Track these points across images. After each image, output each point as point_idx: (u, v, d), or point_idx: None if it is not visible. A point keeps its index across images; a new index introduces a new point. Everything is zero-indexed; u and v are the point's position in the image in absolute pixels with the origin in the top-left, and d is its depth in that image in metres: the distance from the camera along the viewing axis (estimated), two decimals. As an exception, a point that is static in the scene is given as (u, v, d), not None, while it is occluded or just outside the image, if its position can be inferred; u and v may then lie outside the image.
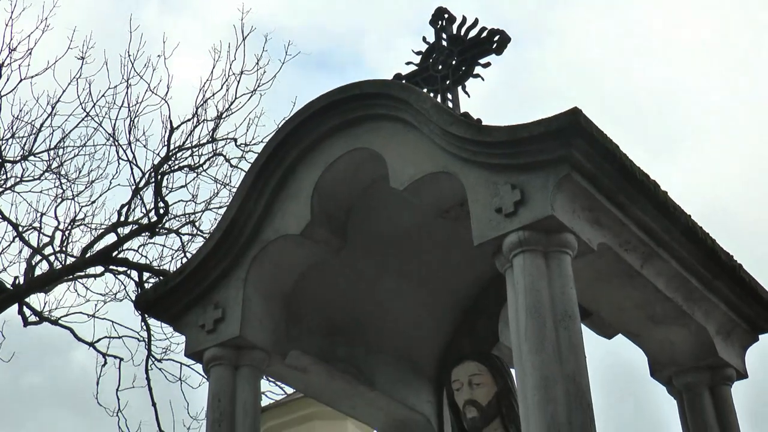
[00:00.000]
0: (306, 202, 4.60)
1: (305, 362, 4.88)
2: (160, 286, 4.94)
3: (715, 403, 4.81)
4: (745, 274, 4.84)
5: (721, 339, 4.86)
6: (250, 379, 4.62)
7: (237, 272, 4.69)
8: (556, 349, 3.76)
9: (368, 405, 5.29)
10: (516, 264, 3.98)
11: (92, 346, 12.06)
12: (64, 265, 11.90)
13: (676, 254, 4.50)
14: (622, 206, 4.21)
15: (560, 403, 3.64)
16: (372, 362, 5.16)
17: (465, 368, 4.78)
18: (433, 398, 5.38)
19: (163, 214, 11.92)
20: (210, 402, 4.53)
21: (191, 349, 4.71)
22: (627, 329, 4.95)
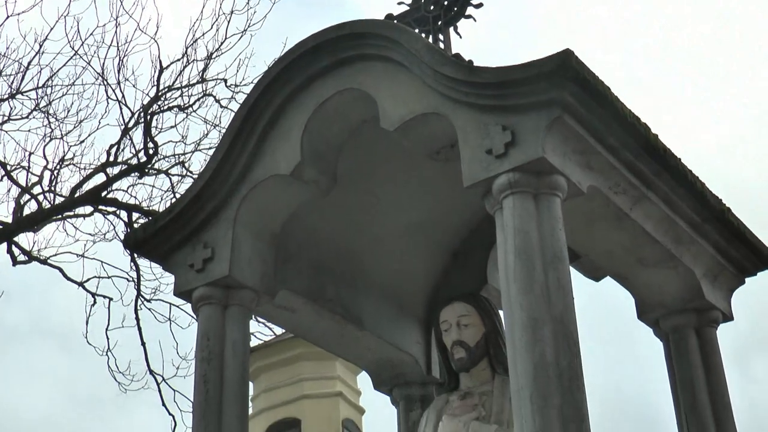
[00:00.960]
0: (296, 143, 4.58)
1: (294, 302, 4.91)
2: (149, 225, 4.94)
3: (700, 344, 4.86)
4: (734, 218, 4.87)
5: (708, 282, 4.90)
6: (239, 319, 4.64)
7: (226, 212, 4.68)
8: (545, 291, 3.78)
9: (356, 345, 5.33)
10: (506, 206, 3.98)
11: (81, 285, 12.08)
12: (53, 204, 11.89)
13: (666, 197, 4.51)
14: (612, 149, 4.21)
15: (548, 344, 3.67)
16: (360, 303, 5.19)
17: (453, 309, 4.81)
18: (421, 339, 5.42)
19: (153, 154, 11.89)
20: (199, 341, 4.56)
21: (180, 288, 4.72)
22: (615, 272, 4.98)
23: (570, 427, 3.55)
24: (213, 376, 4.44)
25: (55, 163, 12.07)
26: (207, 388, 4.41)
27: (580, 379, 3.68)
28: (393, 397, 5.49)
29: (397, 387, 5.43)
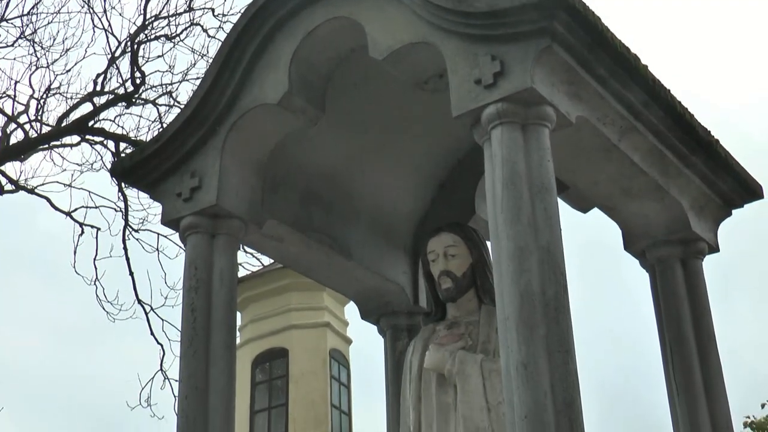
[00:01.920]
0: (284, 71, 4.55)
1: (281, 232, 4.91)
2: (136, 154, 4.92)
3: (686, 276, 4.89)
4: (722, 150, 4.87)
5: (694, 213, 4.91)
6: (227, 248, 4.65)
7: (214, 141, 4.66)
8: (532, 221, 3.78)
9: (344, 275, 5.35)
10: (494, 136, 3.97)
11: (69, 215, 12.08)
12: (40, 133, 11.83)
13: (654, 128, 4.50)
14: (601, 79, 4.19)
15: (534, 274, 3.69)
16: (348, 233, 5.20)
17: (441, 239, 4.82)
18: (408, 269, 5.44)
19: (140, 84, 11.81)
20: (186, 270, 4.56)
21: (168, 217, 4.72)
22: (602, 203, 4.99)
23: (556, 357, 3.58)
24: (200, 305, 4.45)
25: (41, 92, 11.99)
26: (195, 317, 4.43)
27: (566, 309, 3.70)
28: (380, 327, 5.53)
29: (384, 317, 5.46)
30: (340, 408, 16.28)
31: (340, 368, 16.51)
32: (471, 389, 4.46)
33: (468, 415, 4.41)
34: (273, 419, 15.91)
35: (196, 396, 4.30)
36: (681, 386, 4.61)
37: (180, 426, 4.29)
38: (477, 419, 4.40)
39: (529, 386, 3.50)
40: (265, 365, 16.23)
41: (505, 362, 3.65)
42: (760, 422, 20.06)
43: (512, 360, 3.59)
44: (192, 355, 4.38)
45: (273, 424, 15.86)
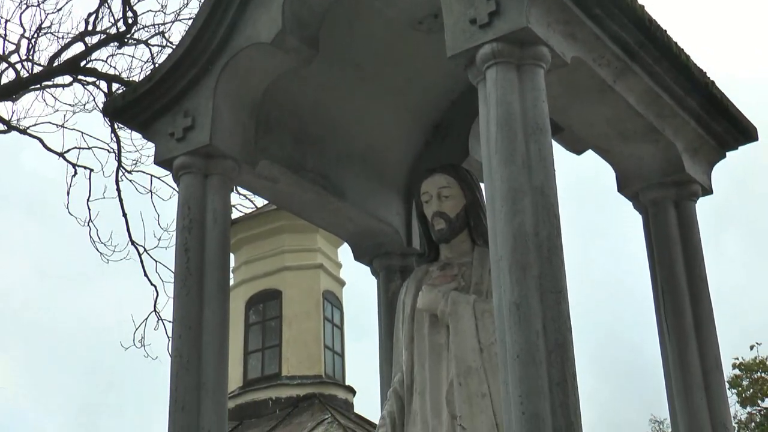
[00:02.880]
0: (277, 10, 4.49)
1: (275, 172, 4.90)
2: (128, 93, 4.88)
3: (679, 218, 4.89)
4: (717, 91, 4.85)
5: (688, 156, 4.91)
6: (220, 189, 4.64)
7: (206, 81, 4.63)
8: (526, 162, 3.78)
9: (337, 216, 5.35)
10: (489, 76, 3.94)
11: (62, 156, 12.05)
12: (31, 73, 11.75)
13: (650, 70, 4.48)
14: (597, 19, 4.15)
15: (528, 215, 3.69)
16: (341, 173, 5.19)
17: (434, 181, 4.81)
18: (402, 210, 5.44)
19: (132, 24, 11.71)
20: (179, 210, 4.56)
21: (161, 157, 4.70)
22: (597, 145, 4.98)
23: (548, 297, 3.60)
24: (194, 245, 4.46)
25: (32, 32, 11.88)
26: (188, 257, 4.44)
27: (559, 250, 3.71)
28: (373, 268, 5.54)
29: (378, 258, 5.47)
30: (333, 349, 16.39)
31: (334, 310, 16.58)
32: (463, 329, 4.48)
33: (460, 355, 4.44)
34: (266, 360, 16.01)
35: (189, 335, 4.32)
36: (672, 327, 4.64)
37: (174, 365, 4.32)
38: (469, 359, 4.43)
39: (521, 326, 3.51)
40: (258, 306, 16.30)
41: (497, 303, 3.66)
42: (748, 364, 20.28)
43: (505, 300, 3.61)
44: (185, 295, 4.39)
45: (266, 365, 15.97)
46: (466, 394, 4.37)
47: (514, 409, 3.42)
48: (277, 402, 15.59)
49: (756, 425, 20.23)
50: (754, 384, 20.01)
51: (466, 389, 4.38)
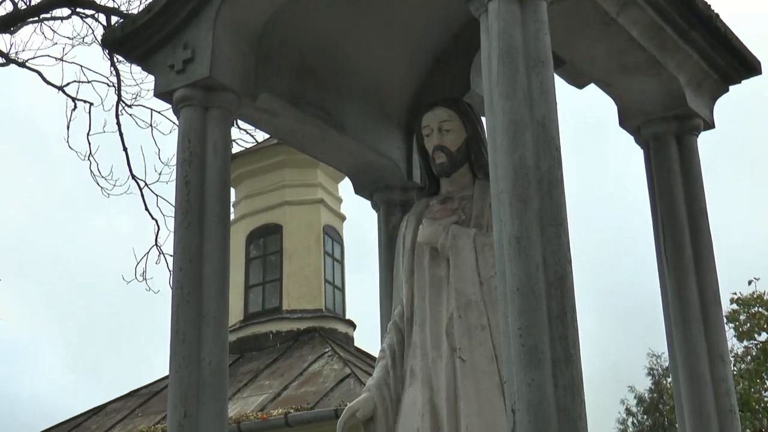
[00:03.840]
0: (277, -60, 4.44)
1: (275, 105, 4.87)
2: (127, 24, 4.83)
3: (680, 152, 4.88)
4: (721, 24, 4.80)
5: (691, 90, 4.88)
6: (220, 121, 4.61)
7: (206, 12, 4.58)
8: (528, 95, 3.75)
9: (338, 150, 5.33)
10: (491, 9, 3.89)
11: (61, 90, 11.99)
12: (29, 5, 11.63)
13: (653, 2, 4.43)
14: (601, -50, 4.10)
15: (529, 148, 3.67)
16: (342, 107, 5.16)
17: (435, 114, 4.79)
18: (402, 144, 5.42)
19: (130, -46, 11.56)
20: (180, 142, 4.54)
21: (160, 89, 4.67)
22: (599, 78, 4.95)
23: (548, 231, 3.60)
24: (194, 178, 4.45)
25: (29, -38, 11.73)
26: (188, 189, 4.43)
27: (559, 183, 3.70)
28: (373, 202, 5.54)
29: (378, 192, 5.47)
30: (334, 283, 16.48)
31: (334, 244, 16.64)
32: (463, 263, 4.50)
33: (460, 289, 4.46)
34: (267, 294, 16.11)
35: (190, 268, 4.33)
36: (671, 261, 4.65)
37: (174, 298, 4.33)
38: (469, 292, 4.45)
39: (521, 259, 3.52)
40: (259, 241, 16.35)
41: (497, 236, 3.67)
42: (746, 299, 20.40)
43: (505, 233, 3.61)
44: (186, 227, 4.39)
45: (267, 299, 16.07)
46: (465, 327, 4.40)
47: (513, 342, 3.44)
48: (278, 335, 15.72)
49: (752, 359, 20.42)
50: (751, 318, 20.15)
51: (465, 322, 4.41)
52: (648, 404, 36.81)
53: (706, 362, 4.44)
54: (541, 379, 3.32)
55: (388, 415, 4.55)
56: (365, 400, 4.57)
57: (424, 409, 4.41)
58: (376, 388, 4.60)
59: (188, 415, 4.11)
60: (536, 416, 3.25)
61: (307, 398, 13.28)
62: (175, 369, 4.19)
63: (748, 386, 19.33)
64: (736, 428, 4.35)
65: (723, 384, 4.42)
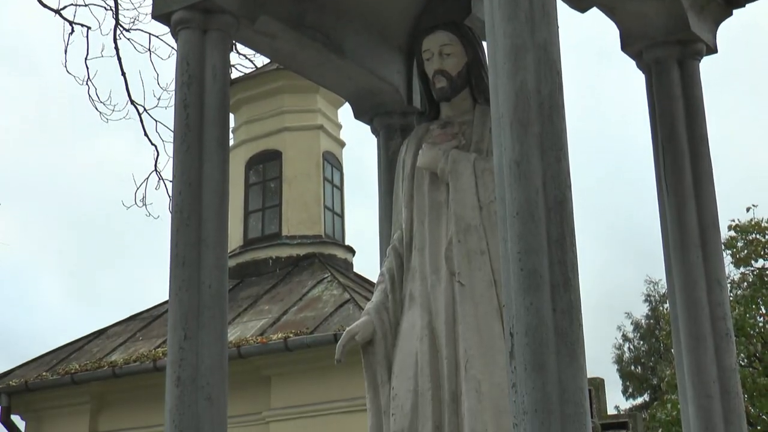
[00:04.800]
0: None
1: (274, 28, 4.82)
2: (124, -54, 4.77)
3: (682, 76, 4.85)
4: (726, -54, 4.75)
5: (694, 13, 4.83)
6: (219, 44, 4.57)
7: (203, -68, 4.51)
8: (529, 18, 3.70)
9: (337, 74, 5.30)
10: (492, -70, 3.83)
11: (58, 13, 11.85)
12: (24, -73, 11.44)
13: None
14: None
15: (530, 72, 3.64)
16: (342, 30, 5.11)
17: (436, 38, 4.75)
18: (402, 68, 5.38)
19: None
20: (178, 65, 4.51)
21: (158, 11, 4.62)
22: (601, 2, 4.88)
23: (549, 155, 3.58)
24: (193, 101, 4.42)
25: None
26: (187, 113, 4.41)
27: (560, 108, 3.67)
28: (373, 127, 5.52)
29: (378, 116, 5.45)
30: (333, 209, 16.49)
31: (333, 170, 16.62)
32: (463, 187, 4.50)
33: (460, 213, 4.47)
34: (266, 220, 16.13)
35: (189, 192, 4.33)
36: (671, 186, 4.65)
37: (174, 222, 4.34)
38: (468, 217, 4.46)
39: (521, 184, 3.51)
40: (258, 167, 16.32)
41: (497, 160, 3.66)
42: (744, 225, 20.45)
43: (505, 158, 3.60)
44: (185, 151, 4.38)
45: (266, 225, 16.10)
46: (464, 251, 4.42)
47: (512, 266, 3.45)
48: (277, 261, 15.77)
49: (748, 285, 20.54)
50: (748, 245, 20.22)
51: (464, 246, 4.42)
52: (644, 330, 37.17)
53: (704, 287, 4.47)
54: (540, 302, 3.33)
55: (386, 338, 4.58)
56: (364, 324, 4.61)
57: (423, 332, 4.44)
58: (375, 311, 4.63)
59: (188, 337, 4.14)
60: (534, 339, 3.27)
61: (306, 323, 13.38)
62: (175, 292, 4.21)
63: (743, 312, 19.47)
64: (731, 352, 4.38)
65: (719, 308, 4.45)
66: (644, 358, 37.03)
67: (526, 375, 3.22)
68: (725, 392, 4.27)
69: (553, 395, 3.19)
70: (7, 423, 14.66)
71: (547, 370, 3.21)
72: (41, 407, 14.70)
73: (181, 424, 3.99)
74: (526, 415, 3.18)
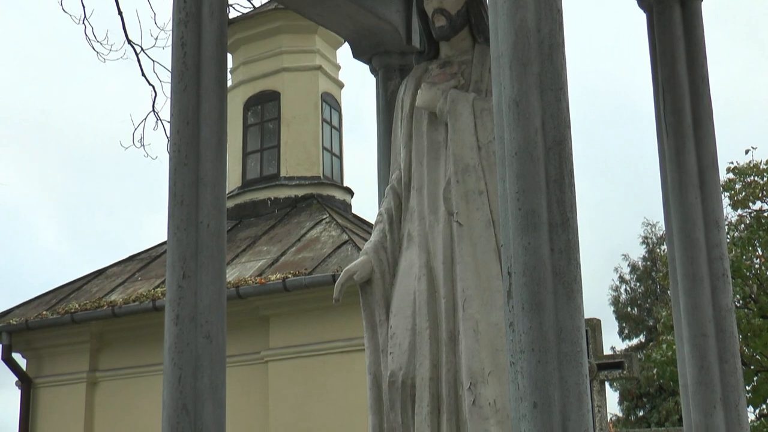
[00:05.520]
0: None
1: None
2: None
3: (684, 17, 4.80)
4: None
5: (697, -48, 4.78)
6: (216, -19, 4.52)
7: None
8: (530, -45, 3.66)
9: (336, 12, 5.25)
10: None
11: (53, -50, 11.71)
12: None
13: None
14: None
15: (530, 10, 3.60)
16: (341, -32, 5.06)
17: (436, -24, 4.71)
18: (402, 7, 5.34)
19: None
20: (175, 3, 4.44)
21: (155, -52, 4.57)
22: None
23: (548, 95, 3.56)
24: (191, 39, 4.38)
25: None
26: (185, 51, 4.37)
27: (560, 46, 3.64)
28: (372, 67, 5.49)
29: (377, 56, 5.41)
30: (332, 151, 16.46)
31: (332, 111, 16.56)
32: (462, 127, 4.48)
33: (458, 153, 4.46)
34: (265, 161, 16.11)
35: (187, 131, 4.31)
36: (671, 126, 4.63)
37: (172, 161, 4.33)
38: (467, 157, 4.45)
39: (520, 123, 3.50)
40: (256, 108, 16.25)
41: (497, 100, 3.64)
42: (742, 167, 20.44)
43: (504, 97, 3.58)
44: (183, 90, 4.35)
45: (265, 166, 16.08)
46: (463, 191, 4.42)
47: (510, 205, 3.45)
48: (276, 202, 15.78)
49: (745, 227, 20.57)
50: (746, 187, 20.21)
51: (463, 186, 4.42)
52: (641, 272, 37.34)
53: (702, 227, 4.47)
54: (538, 242, 3.34)
55: (385, 278, 4.60)
56: (363, 263, 4.62)
57: (421, 272, 4.46)
58: (374, 251, 4.64)
59: (187, 276, 4.15)
60: (532, 279, 3.28)
61: (304, 264, 13.42)
62: (174, 231, 4.22)
63: (740, 254, 19.53)
64: (727, 292, 4.40)
65: (717, 249, 4.46)
66: (640, 300, 37.25)
67: (523, 314, 3.24)
68: (720, 331, 4.30)
69: (550, 334, 3.20)
70: (9, 361, 14.78)
71: (544, 310, 3.23)
72: (41, 346, 14.81)
73: (180, 362, 4.02)
74: (522, 354, 3.20)
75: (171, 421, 3.88)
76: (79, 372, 14.46)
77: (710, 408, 4.09)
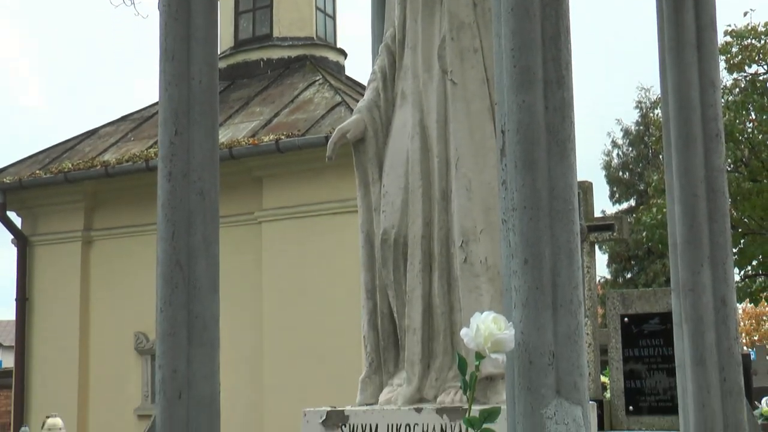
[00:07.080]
0: None
1: None
2: None
3: None
4: None
5: None
6: None
7: None
8: None
9: None
10: None
11: None
12: None
13: None
14: None
15: None
16: None
17: None
18: None
19: None
20: None
21: None
22: None
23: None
24: None
25: None
26: None
27: None
28: None
29: None
30: (325, 11, 16.22)
31: (325, -30, 16.25)
32: (458, -13, 4.40)
33: (453, 10, 4.39)
34: (257, 20, 15.87)
35: (178, -15, 4.21)
36: None
37: (162, 16, 4.23)
38: (462, 14, 4.38)
39: (516, -22, 3.42)
40: (248, -35, 15.93)
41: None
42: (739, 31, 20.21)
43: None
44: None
45: (257, 26, 15.85)
46: (457, 49, 4.36)
47: (505, 63, 3.40)
48: (269, 63, 15.64)
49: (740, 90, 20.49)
50: (743, 51, 20.04)
51: (458, 44, 4.37)
52: (634, 136, 37.38)
53: (697, 87, 4.43)
54: (532, 99, 3.31)
55: (378, 136, 4.58)
56: (356, 122, 4.60)
57: (414, 130, 4.44)
58: (367, 110, 4.61)
59: (179, 132, 4.12)
60: (526, 137, 3.27)
61: (298, 125, 13.38)
62: (165, 87, 4.16)
63: (733, 117, 19.50)
64: (720, 153, 4.39)
65: (711, 109, 4.43)
66: (632, 164, 37.40)
67: (516, 172, 3.24)
68: (711, 191, 4.30)
69: (543, 192, 3.21)
70: (4, 219, 14.87)
71: (537, 167, 3.23)
72: (36, 204, 14.88)
73: (174, 218, 4.02)
74: (515, 212, 3.21)
75: (165, 277, 3.91)
76: (74, 231, 14.57)
77: (698, 266, 4.12)
